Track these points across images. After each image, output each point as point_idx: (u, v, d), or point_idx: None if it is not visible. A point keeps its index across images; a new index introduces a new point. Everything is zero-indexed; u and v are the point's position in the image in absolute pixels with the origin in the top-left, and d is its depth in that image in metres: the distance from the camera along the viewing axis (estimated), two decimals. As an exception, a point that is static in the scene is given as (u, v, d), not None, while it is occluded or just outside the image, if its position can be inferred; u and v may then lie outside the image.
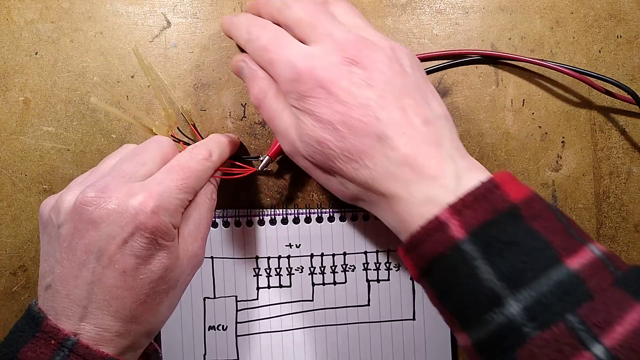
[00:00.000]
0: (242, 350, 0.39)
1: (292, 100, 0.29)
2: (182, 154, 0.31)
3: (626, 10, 0.41)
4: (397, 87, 0.28)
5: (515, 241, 0.24)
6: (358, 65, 0.28)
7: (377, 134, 0.27)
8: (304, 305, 0.39)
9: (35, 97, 0.39)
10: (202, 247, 0.32)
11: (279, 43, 0.30)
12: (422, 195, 0.26)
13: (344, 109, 0.27)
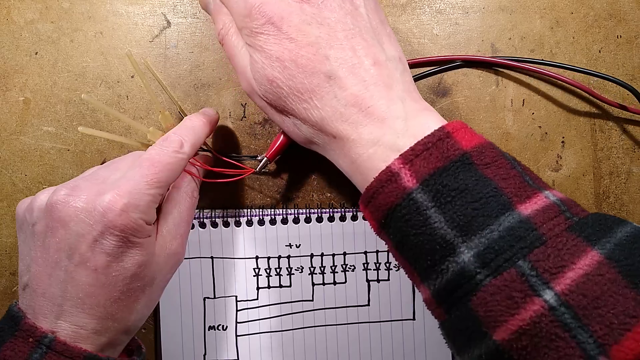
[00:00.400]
0: (242, 350, 0.39)
1: (245, 36, 0.29)
2: (152, 148, 0.31)
3: (626, 10, 0.41)
4: (347, 26, 0.28)
5: (466, 188, 0.24)
6: (309, 2, 0.28)
7: (326, 73, 0.27)
8: (304, 305, 0.39)
9: (35, 97, 0.39)
10: (181, 245, 0.31)
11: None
12: (370, 136, 0.26)
13: (293, 46, 0.27)
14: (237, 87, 0.40)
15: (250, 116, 0.40)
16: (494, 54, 0.41)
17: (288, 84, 0.27)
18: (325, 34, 0.27)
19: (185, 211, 0.32)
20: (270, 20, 0.27)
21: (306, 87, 0.27)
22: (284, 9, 0.27)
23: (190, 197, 0.32)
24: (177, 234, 0.31)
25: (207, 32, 0.40)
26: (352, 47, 0.27)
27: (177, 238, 0.31)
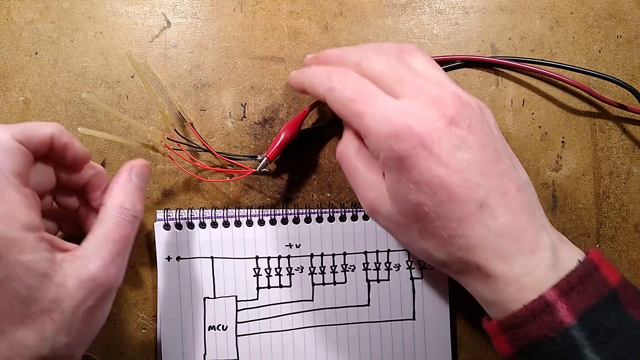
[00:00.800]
0: (242, 350, 0.39)
1: (385, 157, 0.27)
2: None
3: (626, 10, 0.41)
4: (491, 150, 0.27)
5: (619, 329, 0.23)
6: (457, 125, 0.26)
7: (478, 201, 0.25)
8: (304, 305, 0.39)
9: (35, 97, 0.39)
10: (103, 269, 0.27)
11: (368, 94, 0.28)
12: (522, 268, 0.25)
13: (445, 171, 0.25)
14: (237, 87, 0.40)
15: (250, 116, 0.40)
16: (494, 54, 0.41)
17: (436, 210, 0.26)
18: (475, 159, 0.26)
19: (112, 229, 0.28)
20: (422, 143, 0.25)
21: (456, 215, 0.26)
22: (434, 132, 0.26)
23: (117, 212, 0.29)
24: (98, 256, 0.27)
25: (207, 32, 0.40)
26: (498, 173, 0.26)
27: (97, 261, 0.27)
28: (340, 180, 0.40)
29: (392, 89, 0.28)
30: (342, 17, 0.41)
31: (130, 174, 0.31)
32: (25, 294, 0.25)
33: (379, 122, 0.27)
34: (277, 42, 0.40)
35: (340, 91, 0.29)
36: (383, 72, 0.29)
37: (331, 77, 0.30)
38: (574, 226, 0.41)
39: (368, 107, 0.27)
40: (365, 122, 0.27)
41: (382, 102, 0.27)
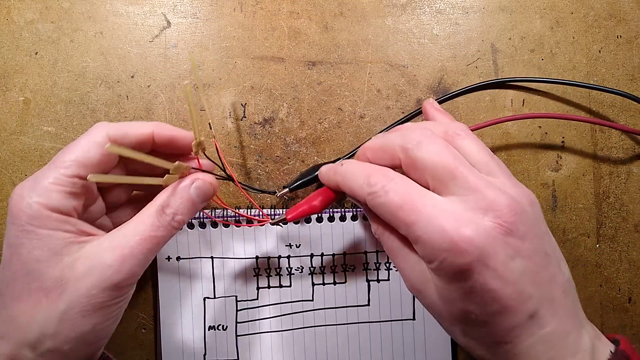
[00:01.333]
0: (242, 350, 0.39)
1: (437, 268, 0.25)
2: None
3: (626, 10, 0.41)
4: (542, 255, 0.26)
5: None
6: (512, 234, 0.25)
7: (529, 312, 0.25)
8: (304, 305, 0.39)
9: (35, 97, 0.39)
10: (118, 261, 0.26)
11: (415, 200, 0.26)
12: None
13: (498, 284, 0.24)
14: (237, 87, 0.40)
15: (250, 116, 0.40)
16: (494, 54, 0.41)
17: (485, 319, 0.25)
18: (528, 268, 0.25)
19: (143, 226, 0.28)
20: (479, 257, 0.24)
21: (505, 325, 0.25)
22: (491, 244, 0.24)
23: (156, 212, 0.28)
24: (117, 247, 0.27)
25: (207, 32, 0.40)
26: (548, 279, 0.26)
27: (116, 251, 0.27)
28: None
29: (442, 183, 0.26)
30: (342, 17, 0.41)
31: (191, 185, 0.30)
32: (31, 267, 0.25)
33: (431, 233, 0.25)
34: (277, 42, 0.40)
35: (383, 197, 0.26)
36: (433, 164, 0.26)
37: (370, 181, 0.27)
38: (574, 226, 0.41)
39: (417, 215, 0.25)
40: (416, 232, 0.25)
41: (432, 207, 0.25)
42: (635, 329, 0.41)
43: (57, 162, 0.27)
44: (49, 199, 0.26)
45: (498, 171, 0.27)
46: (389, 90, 0.41)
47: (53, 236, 0.26)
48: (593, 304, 0.41)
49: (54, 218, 0.26)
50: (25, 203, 0.25)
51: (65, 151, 0.28)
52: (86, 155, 0.27)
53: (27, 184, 0.26)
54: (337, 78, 0.40)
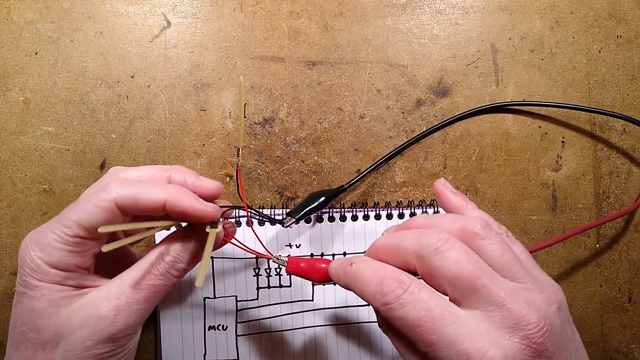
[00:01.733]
0: (242, 350, 0.39)
1: None
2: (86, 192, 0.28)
3: (626, 10, 0.41)
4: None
5: None
6: (542, 355, 0.23)
7: None
8: (304, 305, 0.39)
9: (35, 97, 0.39)
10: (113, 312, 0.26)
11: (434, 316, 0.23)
12: None
13: None
14: (237, 87, 0.40)
15: (250, 116, 0.40)
16: (494, 54, 0.41)
17: None
18: None
19: (142, 275, 0.27)
20: None
21: None
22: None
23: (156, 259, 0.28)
24: (113, 297, 0.26)
25: (207, 32, 0.40)
26: None
27: (111, 301, 0.26)
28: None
29: (464, 295, 0.24)
30: (342, 17, 0.41)
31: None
32: (28, 318, 0.25)
33: (453, 357, 0.22)
34: (277, 42, 0.40)
35: (398, 311, 0.24)
36: (452, 274, 0.24)
37: (384, 289, 0.24)
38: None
39: (438, 335, 0.23)
40: (437, 353, 0.23)
41: (454, 327, 0.23)
42: (635, 329, 0.41)
43: (62, 218, 0.27)
44: (49, 256, 0.26)
45: (524, 275, 0.25)
46: (389, 90, 0.41)
47: (52, 289, 0.26)
48: (593, 304, 0.41)
49: (53, 274, 0.26)
50: (29, 255, 0.26)
51: (72, 209, 0.27)
52: (89, 217, 0.26)
53: (33, 235, 0.27)
54: (337, 78, 0.40)
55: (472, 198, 0.40)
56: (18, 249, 0.39)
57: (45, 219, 0.39)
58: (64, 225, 0.26)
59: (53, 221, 0.27)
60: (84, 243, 0.27)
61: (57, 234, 0.26)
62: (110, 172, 0.30)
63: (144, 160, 0.39)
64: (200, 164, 0.40)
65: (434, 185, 0.31)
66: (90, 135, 0.39)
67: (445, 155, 0.41)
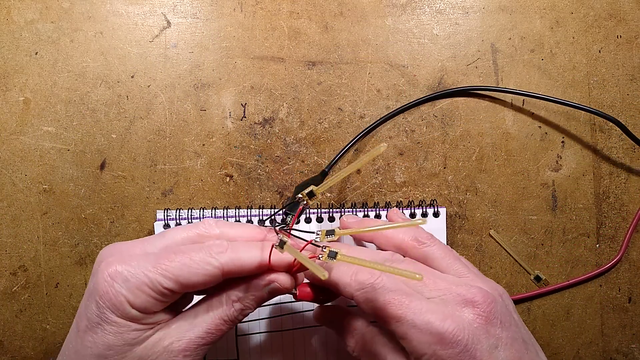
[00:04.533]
0: (242, 350, 0.39)
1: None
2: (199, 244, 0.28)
3: (626, 10, 0.41)
4: (519, 342, 0.28)
5: None
6: (491, 324, 0.27)
7: None
8: (303, 305, 0.39)
9: (35, 97, 0.39)
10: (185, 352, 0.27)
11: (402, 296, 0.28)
12: None
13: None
14: (237, 87, 0.40)
15: (250, 116, 0.40)
16: (494, 54, 0.41)
17: None
18: (510, 355, 0.27)
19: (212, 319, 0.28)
20: (466, 348, 0.26)
21: None
22: (475, 335, 0.26)
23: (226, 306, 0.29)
24: (185, 337, 0.27)
25: (207, 32, 0.40)
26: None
27: (182, 342, 0.27)
28: (340, 181, 0.40)
29: (418, 290, 0.29)
30: (342, 17, 0.41)
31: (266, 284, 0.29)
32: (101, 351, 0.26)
33: (420, 327, 0.26)
34: (277, 42, 0.40)
35: (371, 293, 0.28)
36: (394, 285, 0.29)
37: (359, 278, 0.29)
38: (574, 226, 0.41)
39: (405, 310, 0.27)
40: (404, 326, 0.27)
41: (418, 304, 0.27)
42: (635, 329, 0.41)
43: (160, 264, 0.26)
44: (135, 298, 0.26)
45: (465, 271, 0.31)
46: (389, 90, 0.41)
47: (129, 327, 0.26)
48: (593, 304, 0.41)
49: (133, 314, 0.26)
50: (113, 291, 0.26)
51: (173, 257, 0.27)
52: (191, 278, 0.27)
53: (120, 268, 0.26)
54: (337, 78, 0.40)
55: (472, 198, 0.41)
56: (18, 248, 0.39)
57: (45, 219, 0.39)
58: (161, 275, 0.26)
59: (147, 260, 0.26)
60: (171, 295, 0.27)
61: (150, 280, 0.26)
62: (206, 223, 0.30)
63: (144, 160, 0.39)
64: (200, 164, 0.40)
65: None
66: (90, 135, 0.39)
67: (445, 155, 0.41)
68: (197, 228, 0.29)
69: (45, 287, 0.39)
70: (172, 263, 0.26)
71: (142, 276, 0.26)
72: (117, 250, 0.28)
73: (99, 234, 0.39)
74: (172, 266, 0.26)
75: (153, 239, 0.29)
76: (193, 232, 0.29)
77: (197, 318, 0.28)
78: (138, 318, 0.26)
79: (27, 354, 0.39)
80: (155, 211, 0.39)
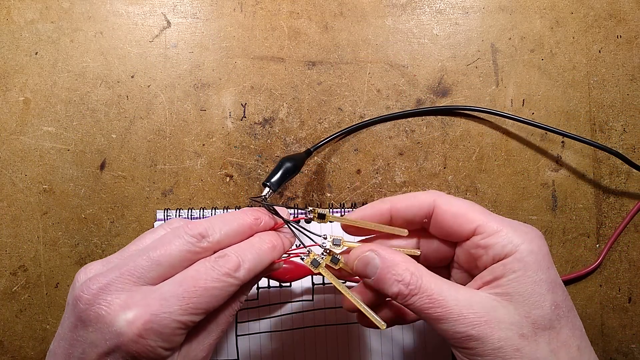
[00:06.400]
0: (242, 350, 0.39)
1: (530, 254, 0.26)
2: (202, 263, 0.27)
3: (626, 10, 0.41)
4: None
5: None
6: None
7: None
8: (304, 305, 0.39)
9: (35, 97, 0.39)
10: (205, 350, 0.28)
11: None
12: None
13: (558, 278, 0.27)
14: (237, 87, 0.40)
15: (250, 116, 0.40)
16: (494, 54, 0.41)
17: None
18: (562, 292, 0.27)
19: (226, 318, 0.28)
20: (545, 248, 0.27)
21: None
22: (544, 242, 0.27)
23: (230, 316, 0.29)
24: (206, 344, 0.28)
25: (207, 32, 0.40)
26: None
27: (205, 349, 0.27)
28: (340, 180, 0.40)
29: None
30: (342, 17, 0.41)
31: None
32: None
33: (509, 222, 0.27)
34: (277, 42, 0.40)
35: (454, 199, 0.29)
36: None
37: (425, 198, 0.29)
38: (574, 226, 0.41)
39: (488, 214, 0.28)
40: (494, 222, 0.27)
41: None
42: (635, 329, 0.41)
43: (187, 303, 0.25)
44: (171, 344, 0.25)
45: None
46: (389, 90, 0.41)
47: (160, 347, 0.25)
48: (593, 304, 0.41)
49: (164, 355, 0.25)
50: (150, 347, 0.24)
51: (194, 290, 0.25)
52: (219, 303, 0.26)
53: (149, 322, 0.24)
54: (337, 78, 0.40)
55: (472, 198, 0.40)
56: (18, 248, 0.39)
57: (46, 219, 0.39)
58: (191, 315, 0.25)
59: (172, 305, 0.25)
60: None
61: (183, 323, 0.25)
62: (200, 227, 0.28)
63: (144, 160, 0.39)
64: (200, 164, 0.40)
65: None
66: (90, 135, 0.39)
67: (445, 155, 0.41)
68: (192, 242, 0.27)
69: (45, 287, 0.39)
70: (196, 297, 0.25)
71: (174, 324, 0.25)
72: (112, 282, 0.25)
73: (99, 234, 0.39)
74: (197, 300, 0.25)
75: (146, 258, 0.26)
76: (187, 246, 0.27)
77: (211, 323, 0.28)
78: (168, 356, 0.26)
79: (27, 354, 0.39)
80: (155, 211, 0.39)
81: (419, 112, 0.41)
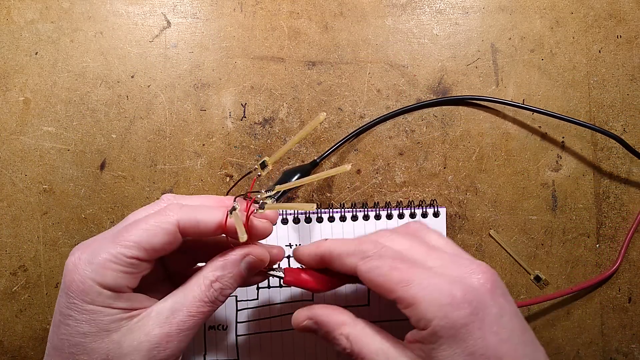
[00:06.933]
0: (242, 350, 0.39)
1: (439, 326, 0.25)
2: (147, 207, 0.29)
3: (626, 10, 0.41)
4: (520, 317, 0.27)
5: None
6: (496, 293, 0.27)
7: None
8: (304, 305, 0.39)
9: (35, 97, 0.39)
10: (165, 338, 0.26)
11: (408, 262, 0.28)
12: None
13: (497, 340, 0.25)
14: (237, 87, 0.40)
15: (250, 116, 0.40)
16: (494, 54, 0.41)
17: None
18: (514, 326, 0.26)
19: (191, 300, 0.27)
20: (475, 311, 0.25)
21: None
22: (482, 298, 0.26)
23: (205, 287, 0.28)
24: (165, 323, 0.27)
25: (207, 32, 0.40)
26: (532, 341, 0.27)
27: (163, 328, 0.26)
28: (340, 181, 0.40)
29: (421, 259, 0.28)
30: (342, 17, 0.41)
31: (242, 259, 0.29)
32: (77, 340, 0.25)
33: (430, 290, 0.26)
34: (277, 42, 0.40)
35: (377, 260, 0.28)
36: (406, 247, 0.29)
37: (362, 247, 0.29)
38: (574, 226, 0.41)
39: (412, 274, 0.27)
40: (412, 290, 0.26)
41: (424, 270, 0.27)
42: (635, 329, 0.41)
43: (119, 239, 0.26)
44: (103, 277, 0.25)
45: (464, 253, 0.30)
46: (389, 90, 0.41)
47: (102, 312, 0.26)
48: (593, 304, 0.41)
49: (105, 295, 0.26)
50: (79, 277, 0.25)
51: (130, 228, 0.26)
52: (151, 239, 0.26)
53: (84, 255, 0.26)
54: (337, 78, 0.40)
55: (472, 198, 0.41)
56: (18, 248, 0.39)
57: (46, 219, 0.39)
58: (122, 246, 0.26)
59: (106, 240, 0.26)
60: (139, 265, 0.26)
61: (113, 254, 0.26)
62: (164, 198, 0.30)
63: (144, 160, 0.39)
64: (200, 164, 0.40)
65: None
66: (90, 135, 0.39)
67: (445, 155, 0.41)
68: (157, 204, 0.29)
69: (45, 287, 0.39)
70: (129, 231, 0.26)
71: (104, 254, 0.25)
72: (81, 244, 0.27)
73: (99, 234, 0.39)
74: (131, 233, 0.26)
75: (116, 225, 0.29)
76: (153, 209, 0.29)
77: (177, 303, 0.27)
78: (112, 300, 0.26)
79: (27, 354, 0.39)
80: (155, 211, 0.39)
81: (421, 105, 0.41)
